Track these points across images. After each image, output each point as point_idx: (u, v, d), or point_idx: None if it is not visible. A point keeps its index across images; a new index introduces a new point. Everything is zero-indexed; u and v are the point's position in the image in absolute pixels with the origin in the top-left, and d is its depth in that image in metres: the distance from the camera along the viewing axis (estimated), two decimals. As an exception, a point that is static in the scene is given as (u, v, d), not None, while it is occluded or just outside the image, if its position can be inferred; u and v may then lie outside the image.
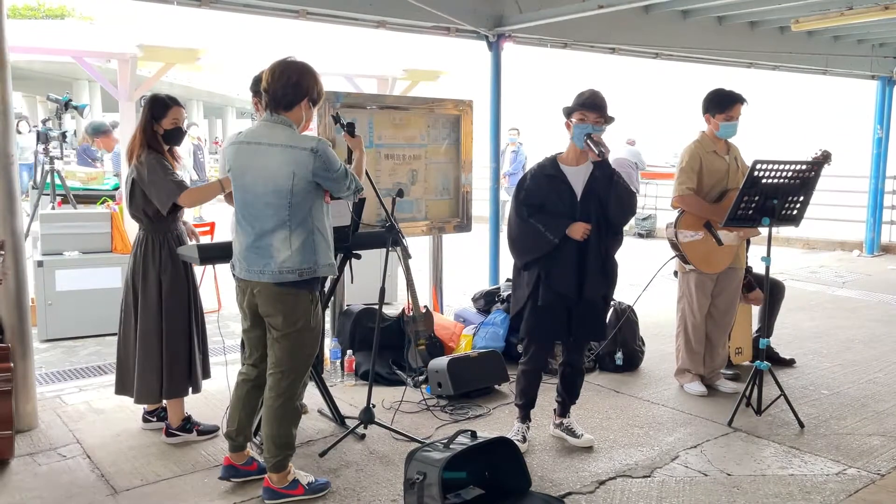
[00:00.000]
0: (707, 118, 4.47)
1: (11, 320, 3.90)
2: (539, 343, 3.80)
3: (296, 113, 3.10)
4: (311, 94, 3.11)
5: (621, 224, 3.72)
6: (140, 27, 12.78)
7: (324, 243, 3.12)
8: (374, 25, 6.17)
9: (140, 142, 3.67)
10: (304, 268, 3.06)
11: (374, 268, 4.13)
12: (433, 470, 2.94)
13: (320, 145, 3.03)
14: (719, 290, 4.61)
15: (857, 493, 3.37)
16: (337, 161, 3.08)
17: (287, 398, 3.16)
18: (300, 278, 3.06)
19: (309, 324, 3.15)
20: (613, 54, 7.74)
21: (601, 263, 3.63)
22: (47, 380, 4.83)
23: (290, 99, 3.06)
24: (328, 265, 3.15)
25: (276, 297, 3.09)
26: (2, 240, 3.76)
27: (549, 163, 3.73)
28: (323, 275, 3.18)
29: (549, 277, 3.64)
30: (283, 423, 3.18)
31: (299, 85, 3.06)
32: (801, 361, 5.37)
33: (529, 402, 3.88)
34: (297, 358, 3.16)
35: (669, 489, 3.41)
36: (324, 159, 3.02)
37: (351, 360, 4.88)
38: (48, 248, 5.85)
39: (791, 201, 4.14)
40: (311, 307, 3.15)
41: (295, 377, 3.17)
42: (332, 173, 3.05)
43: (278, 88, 3.05)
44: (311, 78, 3.11)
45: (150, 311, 3.70)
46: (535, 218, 3.63)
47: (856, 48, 9.36)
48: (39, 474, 3.48)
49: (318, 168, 3.01)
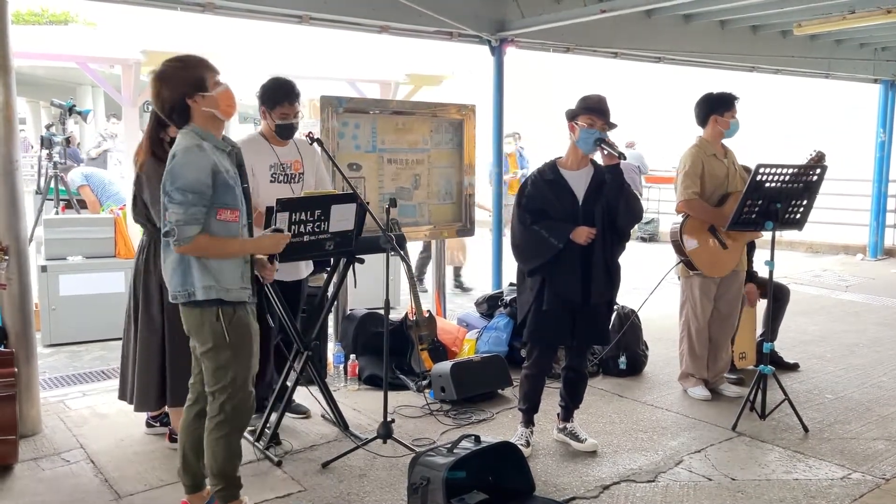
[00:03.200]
0: (714, 119, 4.48)
1: (15, 325, 3.91)
2: (542, 348, 3.80)
3: (197, 116, 2.76)
4: (192, 87, 2.72)
5: (628, 229, 3.72)
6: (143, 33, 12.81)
7: (198, 264, 2.74)
8: (377, 30, 6.18)
9: (146, 149, 3.63)
10: (177, 291, 2.79)
11: (376, 272, 4.13)
12: (437, 475, 2.93)
13: (172, 161, 2.66)
14: (722, 293, 4.61)
15: (861, 498, 3.36)
16: (184, 180, 2.64)
17: (218, 423, 2.87)
18: (175, 301, 2.81)
19: (223, 341, 2.79)
20: (616, 58, 7.74)
21: (605, 268, 3.63)
22: (51, 384, 4.84)
23: (179, 111, 2.74)
24: (205, 288, 2.75)
25: (183, 314, 2.86)
26: (6, 245, 3.77)
27: (548, 168, 3.73)
28: (203, 298, 2.76)
29: (553, 282, 3.64)
30: (217, 451, 2.90)
31: (172, 93, 2.72)
32: (805, 365, 5.35)
33: (533, 406, 3.88)
34: (222, 379, 2.84)
35: (674, 494, 3.40)
36: (169, 176, 2.66)
37: (354, 365, 4.88)
38: (52, 252, 5.86)
39: (794, 205, 4.15)
40: (220, 325, 2.77)
41: (225, 399, 2.84)
42: (164, 190, 2.68)
43: (161, 111, 2.77)
44: (176, 74, 2.73)
45: (151, 318, 3.65)
46: (538, 224, 3.63)
47: (858, 52, 9.36)
48: (43, 479, 3.48)
49: (163, 185, 2.69)
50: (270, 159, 3.90)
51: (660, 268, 4.91)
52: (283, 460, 3.66)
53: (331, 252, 3.71)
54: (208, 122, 2.78)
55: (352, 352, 4.99)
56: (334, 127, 4.92)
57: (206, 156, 2.72)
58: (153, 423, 4.00)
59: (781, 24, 7.99)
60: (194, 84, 2.73)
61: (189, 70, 2.73)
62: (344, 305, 5.24)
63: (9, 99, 3.77)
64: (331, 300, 4.12)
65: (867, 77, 9.99)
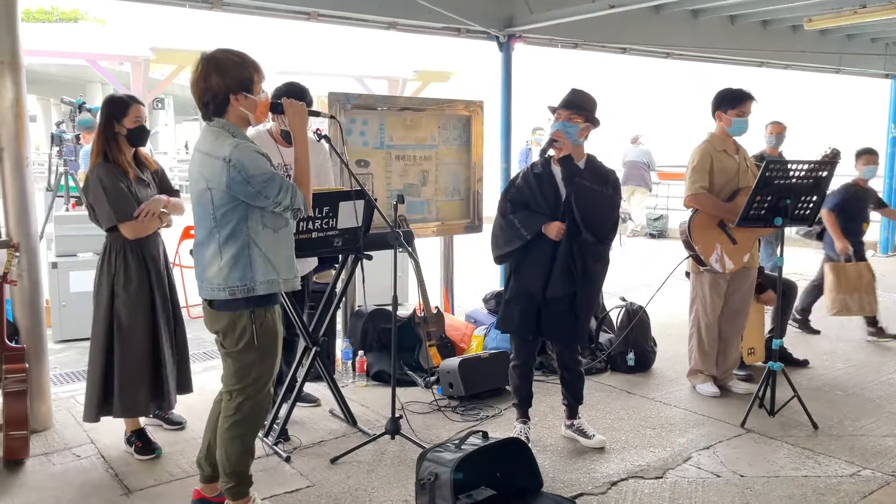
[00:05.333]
0: (719, 115, 4.46)
1: (26, 321, 3.94)
2: (515, 337, 3.89)
3: (231, 113, 2.75)
4: (240, 85, 2.72)
5: (592, 227, 3.59)
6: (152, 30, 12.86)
7: (261, 258, 2.76)
8: (385, 27, 6.19)
9: (96, 149, 3.49)
10: (235, 286, 2.74)
11: (384, 268, 4.13)
12: (445, 470, 2.94)
13: (235, 153, 2.62)
14: (733, 290, 4.59)
15: (871, 495, 3.35)
16: (260, 169, 2.66)
17: (234, 422, 2.88)
18: (231, 297, 2.75)
19: (253, 344, 2.80)
20: (624, 54, 7.73)
21: (566, 263, 3.60)
22: (61, 380, 4.87)
23: (217, 102, 2.72)
24: (268, 282, 2.77)
25: (212, 315, 2.86)
26: (17, 242, 3.80)
27: (540, 162, 3.76)
28: (265, 293, 2.79)
29: (518, 273, 3.72)
30: (231, 450, 2.90)
31: (220, 83, 2.69)
32: (814, 362, 5.33)
33: (524, 398, 3.90)
34: (244, 379, 2.86)
35: (682, 490, 3.39)
36: (239, 168, 2.62)
37: (362, 361, 4.89)
38: (62, 249, 5.89)
39: (804, 201, 4.13)
40: (252, 326, 2.79)
41: (244, 399, 2.87)
42: (252, 185, 2.65)
43: (199, 95, 2.72)
44: (231, 66, 2.71)
45: (98, 322, 3.54)
46: (515, 215, 3.68)
47: (869, 47, 9.29)
48: (54, 474, 3.51)
49: (233, 180, 2.63)
50: (275, 159, 3.89)
51: (668, 264, 4.89)
52: (292, 456, 3.68)
53: (339, 248, 3.72)
54: (240, 121, 2.79)
55: (360, 348, 5.00)
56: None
57: (252, 145, 2.75)
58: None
59: (792, 18, 7.94)
60: (243, 82, 2.73)
61: (244, 67, 2.73)
62: (352, 302, 5.25)
63: (19, 96, 3.79)
64: (339, 296, 4.13)
65: (878, 72, 9.92)
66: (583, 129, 3.64)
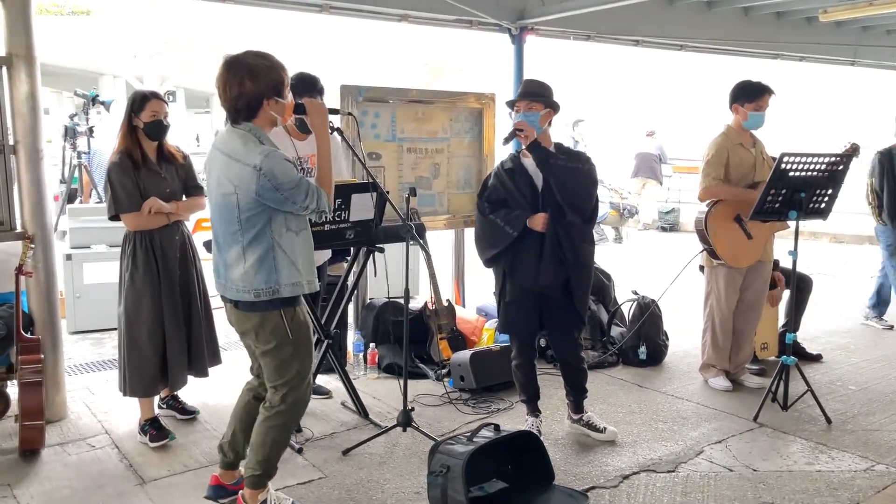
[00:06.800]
0: (735, 108, 4.43)
1: (41, 313, 3.97)
2: (518, 338, 3.84)
3: (262, 117, 2.76)
4: (273, 89, 2.73)
5: (574, 205, 3.57)
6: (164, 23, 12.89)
7: (286, 261, 2.77)
8: (397, 19, 6.17)
9: (119, 138, 3.69)
10: (260, 288, 2.75)
11: (396, 261, 4.14)
12: (457, 463, 2.94)
13: (266, 162, 2.63)
14: (747, 284, 4.56)
15: (885, 490, 3.33)
16: (288, 176, 2.67)
17: (276, 414, 2.91)
18: (257, 299, 2.76)
19: (287, 338, 2.83)
20: (637, 46, 7.67)
21: (556, 250, 3.58)
22: (76, 371, 4.91)
23: (251, 107, 2.72)
24: (292, 284, 2.79)
25: (239, 317, 2.88)
26: (31, 234, 3.82)
27: (510, 158, 3.75)
28: (289, 295, 2.80)
29: (513, 272, 3.67)
30: (268, 438, 2.94)
31: (255, 88, 2.69)
32: (828, 357, 5.30)
33: (532, 395, 3.89)
34: (287, 374, 2.89)
35: (694, 484, 3.39)
36: (269, 177, 2.63)
37: (374, 353, 4.91)
38: (76, 241, 5.94)
39: (819, 194, 4.09)
40: (283, 324, 2.81)
41: (287, 392, 2.90)
42: (281, 192, 2.66)
43: (232, 100, 2.71)
44: (264, 71, 2.71)
45: (120, 308, 3.73)
46: (495, 214, 3.65)
47: (885, 39, 9.18)
48: (69, 464, 3.54)
49: (263, 188, 2.65)
50: (289, 153, 3.89)
51: (680, 257, 4.87)
52: (304, 447, 3.69)
53: (351, 241, 3.73)
54: (266, 124, 2.81)
55: (371, 340, 5.01)
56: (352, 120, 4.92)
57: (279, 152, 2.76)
58: (161, 406, 4.06)
59: (806, 10, 7.85)
60: (275, 87, 2.74)
61: (275, 71, 2.74)
62: (363, 295, 5.26)
63: (33, 89, 3.81)
64: (351, 289, 4.13)
65: (894, 64, 9.80)
66: (544, 115, 3.63)
